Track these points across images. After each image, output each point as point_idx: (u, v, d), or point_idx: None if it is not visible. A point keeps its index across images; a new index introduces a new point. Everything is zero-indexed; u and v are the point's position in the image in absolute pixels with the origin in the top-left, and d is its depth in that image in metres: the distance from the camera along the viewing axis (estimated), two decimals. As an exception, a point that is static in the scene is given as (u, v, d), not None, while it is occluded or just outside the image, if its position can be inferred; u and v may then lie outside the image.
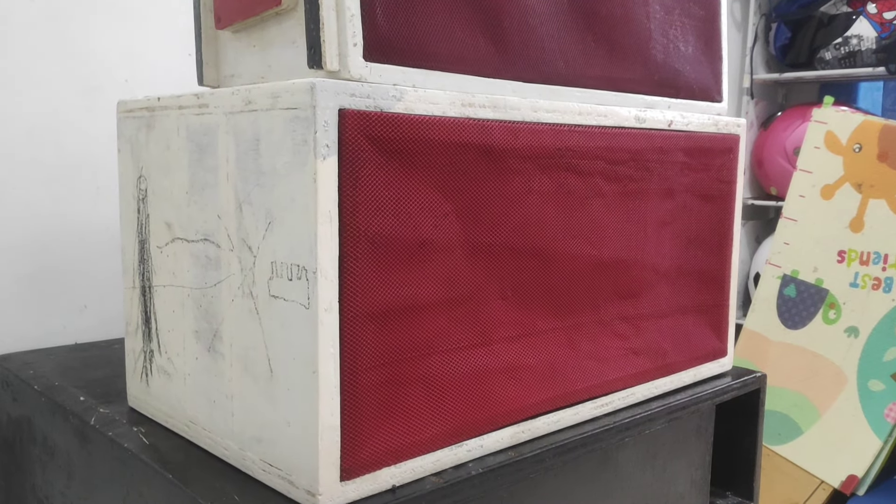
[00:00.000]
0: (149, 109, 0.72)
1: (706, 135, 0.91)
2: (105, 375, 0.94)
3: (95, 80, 1.09)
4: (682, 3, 0.89)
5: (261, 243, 0.61)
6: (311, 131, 0.55)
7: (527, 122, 0.70)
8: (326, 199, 0.56)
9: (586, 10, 0.77)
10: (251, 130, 0.60)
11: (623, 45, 0.81)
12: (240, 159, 0.62)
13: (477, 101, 0.65)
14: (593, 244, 0.79)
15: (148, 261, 0.75)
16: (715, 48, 0.94)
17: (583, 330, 0.79)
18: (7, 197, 1.03)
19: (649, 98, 0.85)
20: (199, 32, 0.70)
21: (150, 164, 0.73)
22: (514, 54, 0.70)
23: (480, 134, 0.66)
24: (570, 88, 0.76)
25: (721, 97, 0.96)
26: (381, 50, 0.59)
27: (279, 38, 0.63)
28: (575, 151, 0.75)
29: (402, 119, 0.60)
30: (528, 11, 0.71)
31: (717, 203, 0.95)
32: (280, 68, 0.64)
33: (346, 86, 0.56)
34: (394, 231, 0.60)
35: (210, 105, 0.64)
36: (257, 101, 0.59)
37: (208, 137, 0.65)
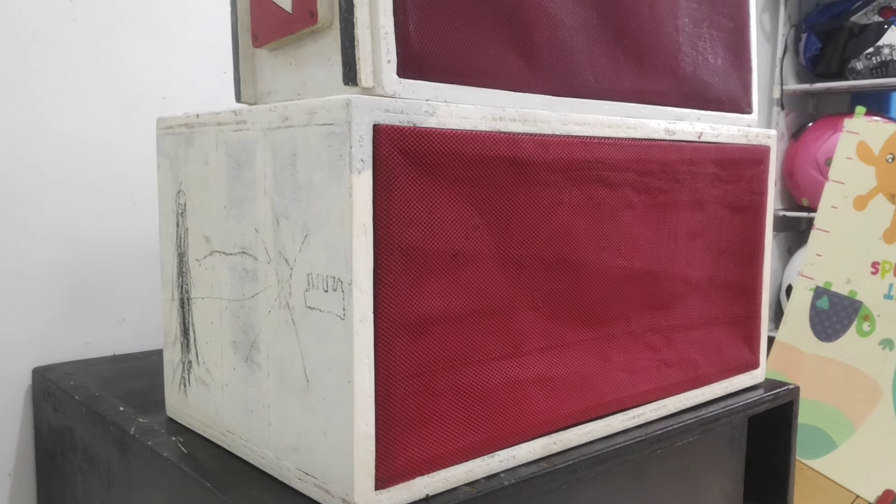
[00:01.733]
0: (188, 126, 0.74)
1: (736, 146, 0.91)
2: (143, 386, 0.96)
3: (133, 97, 1.12)
4: (711, 16, 0.90)
5: (297, 256, 0.62)
6: (346, 146, 0.56)
7: (557, 135, 0.70)
8: (361, 213, 0.57)
9: (615, 24, 0.77)
10: (288, 146, 0.62)
11: (652, 58, 0.82)
12: (277, 174, 0.63)
13: (507, 115, 0.66)
14: (624, 256, 0.79)
15: (186, 273, 0.77)
16: (744, 59, 0.94)
17: (614, 341, 0.80)
18: (48, 213, 1.06)
19: (679, 110, 0.85)
20: (237, 51, 0.72)
21: (189, 179, 0.75)
22: (544, 68, 0.71)
23: (511, 147, 0.67)
24: (600, 101, 0.77)
25: (751, 108, 0.96)
26: (414, 66, 0.60)
27: (315, 56, 0.64)
28: (605, 163, 0.76)
29: (435, 133, 0.61)
30: (558, 25, 0.72)
31: (747, 214, 0.95)
32: (316, 85, 0.65)
33: (381, 102, 0.57)
34: (427, 243, 0.62)
35: (248, 121, 0.66)
36: (294, 117, 0.61)
37: (246, 153, 0.66)
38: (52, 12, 1.05)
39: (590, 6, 0.75)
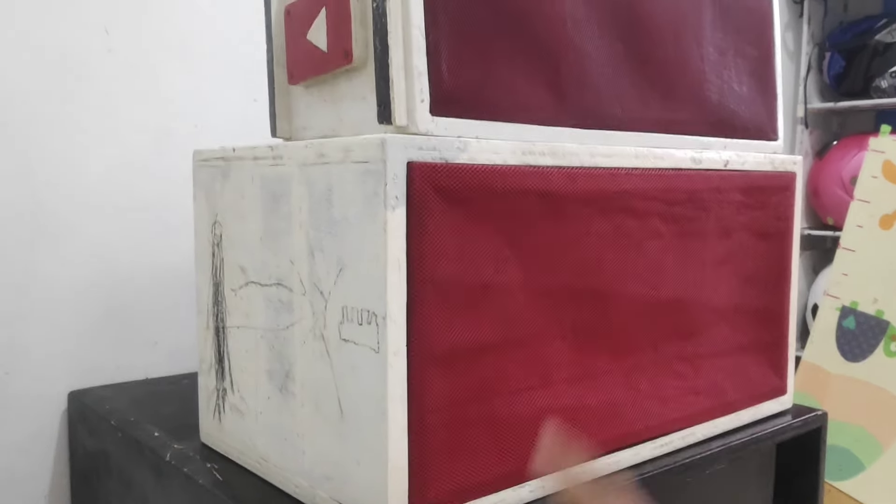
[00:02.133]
0: (224, 159, 0.76)
1: (762, 173, 0.92)
2: (177, 411, 0.98)
3: (166, 125, 1.15)
4: (736, 44, 0.91)
5: (332, 289, 0.63)
6: (381, 184, 0.58)
7: (585, 168, 0.72)
8: (396, 248, 0.58)
9: (642, 56, 0.79)
10: (324, 182, 0.63)
11: (678, 88, 0.83)
12: (312, 208, 0.65)
13: (536, 149, 0.67)
14: (651, 285, 0.80)
15: (222, 302, 0.79)
16: (769, 87, 0.95)
17: (642, 370, 0.80)
18: (84, 237, 1.09)
19: (705, 139, 0.86)
20: (273, 87, 0.74)
21: (225, 210, 0.77)
22: (571, 101, 0.72)
23: (540, 180, 0.68)
24: (627, 132, 0.78)
25: (776, 135, 0.97)
26: (446, 104, 0.62)
27: (349, 94, 0.66)
28: (632, 194, 0.77)
29: (466, 169, 0.62)
30: (586, 59, 0.73)
31: (774, 240, 0.95)
32: (350, 121, 0.67)
33: (414, 140, 0.59)
34: (458, 276, 0.63)
35: (284, 157, 0.68)
36: (330, 154, 0.62)
37: (282, 187, 0.68)
38: (90, 43, 1.08)
39: (616, 38, 0.76)
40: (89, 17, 1.07)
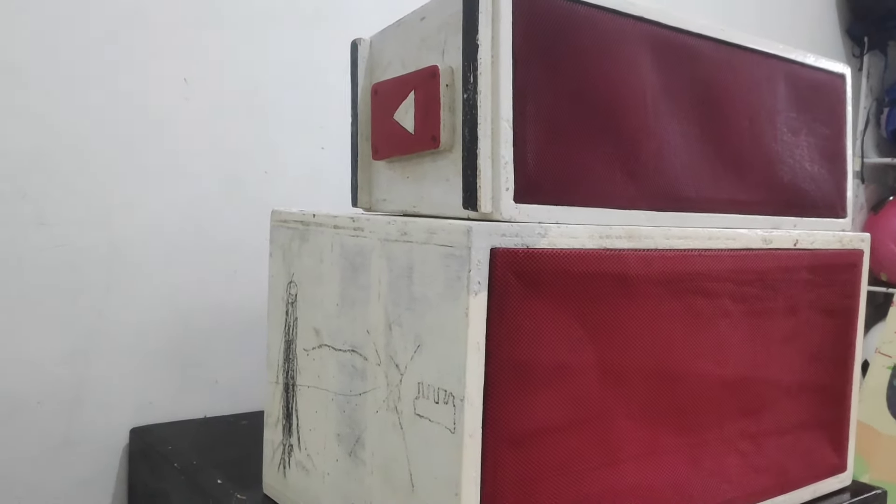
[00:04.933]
0: (303, 223, 0.78)
1: (830, 252, 0.91)
2: (238, 456, 1.00)
3: (237, 172, 1.18)
4: (808, 123, 0.91)
5: (408, 363, 0.65)
6: (465, 269, 0.59)
7: (659, 250, 0.72)
8: (476, 331, 0.60)
9: (716, 138, 0.79)
10: (405, 259, 0.65)
11: (751, 170, 0.83)
12: (392, 283, 0.66)
13: (613, 233, 0.68)
14: (719, 363, 0.80)
15: (293, 360, 0.81)
16: (840, 165, 0.95)
17: (706, 447, 0.80)
18: (154, 280, 1.12)
19: (775, 218, 0.87)
20: (356, 159, 0.76)
21: (302, 272, 0.79)
22: (648, 185, 0.73)
23: (616, 263, 0.69)
24: (700, 214, 0.78)
25: (845, 212, 0.96)
26: (529, 192, 0.63)
27: (433, 174, 0.68)
28: (704, 275, 0.77)
29: (545, 254, 0.63)
30: (663, 144, 0.74)
31: (839, 318, 0.95)
32: (432, 200, 0.69)
33: (498, 227, 0.60)
34: (534, 358, 0.64)
35: (365, 230, 0.70)
36: (413, 233, 0.64)
37: (362, 258, 0.70)
38: (169, 93, 1.12)
39: (693, 122, 0.77)
40: (171, 67, 1.11)
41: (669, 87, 0.75)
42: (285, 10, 1.21)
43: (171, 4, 1.11)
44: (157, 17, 1.10)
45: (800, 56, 0.90)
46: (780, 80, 0.88)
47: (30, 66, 1.01)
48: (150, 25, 1.09)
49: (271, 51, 1.20)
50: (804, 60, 0.90)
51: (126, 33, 1.07)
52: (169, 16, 1.11)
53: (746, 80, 0.83)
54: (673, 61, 0.75)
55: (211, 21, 1.14)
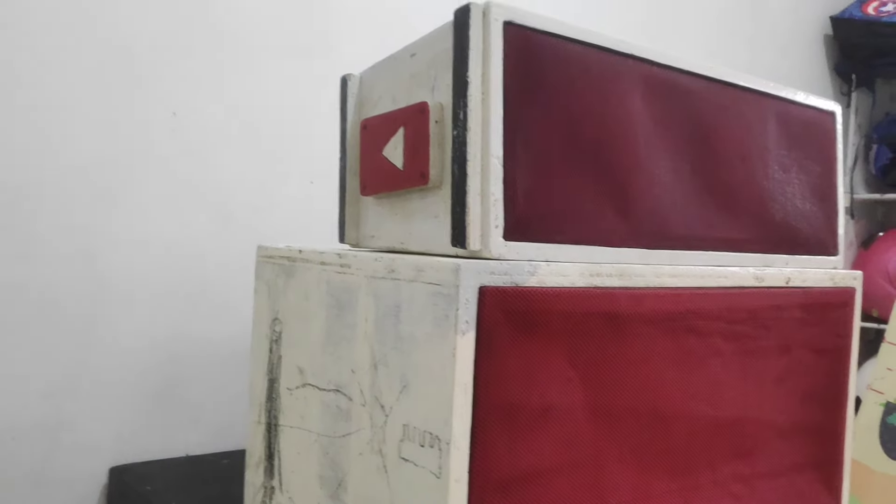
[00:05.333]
0: (289, 259, 0.77)
1: (822, 289, 0.91)
2: (218, 494, 0.97)
3: (227, 207, 1.17)
4: (799, 161, 0.91)
5: (394, 404, 0.63)
6: (452, 308, 0.58)
7: (650, 288, 0.71)
8: (463, 372, 0.58)
9: (708, 177, 0.79)
10: (392, 297, 0.63)
11: (743, 207, 0.83)
12: (379, 321, 0.65)
13: (604, 271, 0.67)
14: (711, 404, 0.79)
15: (276, 400, 0.79)
16: (831, 202, 0.95)
17: (699, 491, 0.78)
18: (140, 313, 1.10)
19: (767, 256, 0.86)
20: (344, 194, 0.75)
21: (287, 309, 0.77)
22: (639, 224, 0.72)
23: (606, 302, 0.68)
24: (691, 252, 0.77)
25: (837, 250, 0.96)
26: (518, 230, 0.62)
27: (421, 211, 0.67)
28: (695, 313, 0.76)
29: (535, 292, 0.62)
30: (654, 183, 0.73)
31: (832, 357, 0.94)
32: (420, 237, 0.68)
33: (487, 265, 0.59)
34: (522, 400, 0.62)
35: (352, 266, 0.68)
36: (400, 271, 0.63)
37: (348, 296, 0.69)
38: (157, 125, 1.11)
39: (685, 159, 0.77)
40: (160, 99, 1.11)
41: (661, 124, 0.74)
42: (277, 43, 1.21)
43: (159, 36, 1.10)
44: (145, 49, 1.09)
45: (790, 94, 0.90)
46: (772, 118, 0.87)
47: (14, 99, 1.00)
48: (139, 57, 1.09)
49: (262, 84, 1.20)
50: (795, 98, 0.90)
51: (113, 65, 1.07)
52: (157, 48, 1.10)
53: (738, 117, 0.83)
54: (664, 99, 0.75)
55: (200, 54, 1.14)
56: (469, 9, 0.60)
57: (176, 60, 1.12)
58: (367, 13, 1.30)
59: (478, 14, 0.60)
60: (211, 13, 1.15)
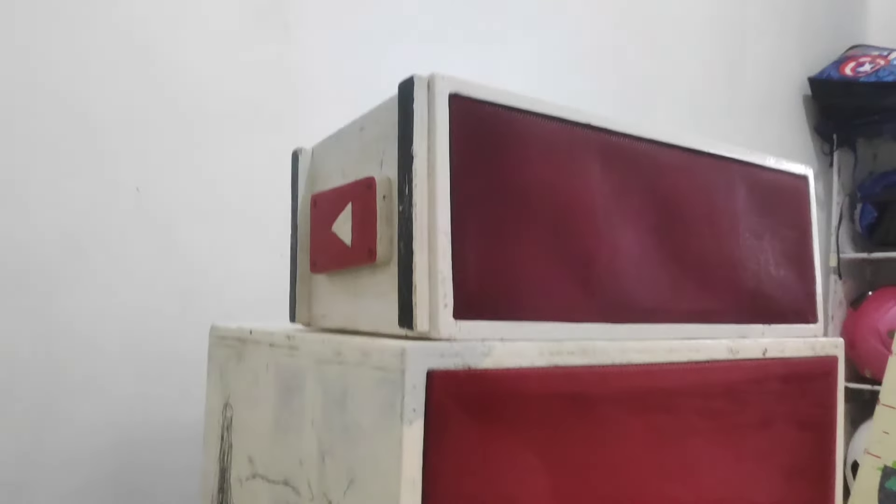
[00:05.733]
0: (240, 340, 0.74)
1: (802, 359, 0.87)
2: (174, 593, 0.91)
3: (190, 281, 1.14)
4: (772, 227, 0.88)
5: (342, 500, 0.59)
6: (398, 395, 0.54)
7: (617, 365, 0.68)
8: (411, 466, 0.54)
9: (676, 246, 0.76)
10: (339, 383, 0.60)
11: (714, 277, 0.80)
12: (326, 408, 0.61)
13: (565, 349, 0.64)
14: (688, 486, 0.74)
15: (227, 491, 0.74)
16: (807, 269, 0.92)
17: (678, 582, 0.73)
18: (97, 397, 1.06)
19: (742, 327, 0.82)
20: (295, 272, 0.72)
21: (238, 394, 0.74)
22: (602, 297, 0.69)
23: (569, 382, 0.64)
24: (660, 325, 0.74)
25: (816, 318, 0.92)
26: (470, 308, 0.59)
27: (371, 288, 0.64)
28: (667, 390, 0.72)
29: (490, 375, 0.59)
30: (618, 254, 0.70)
31: (816, 430, 0.89)
32: (370, 316, 0.64)
33: (436, 347, 0.56)
34: (479, 492, 0.58)
35: (300, 349, 0.65)
36: (347, 354, 0.59)
37: (297, 381, 0.65)
38: (120, 200, 1.08)
39: (650, 229, 0.74)
40: (122, 175, 1.09)
41: (622, 193, 0.72)
42: (242, 115, 1.19)
43: (122, 109, 1.09)
44: (108, 123, 1.07)
45: (760, 159, 0.88)
46: (741, 184, 0.85)
47: (-30, 176, 0.98)
48: (102, 131, 1.07)
49: (227, 156, 1.18)
50: (765, 163, 0.88)
51: (76, 139, 1.05)
52: (120, 121, 1.09)
53: (705, 184, 0.81)
54: (625, 168, 0.72)
55: (164, 127, 1.12)
56: (413, 81, 0.58)
57: (140, 134, 1.10)
58: (333, 84, 1.30)
59: (422, 86, 0.58)
60: (174, 87, 1.14)
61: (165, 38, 1.13)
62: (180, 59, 1.14)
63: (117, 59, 1.09)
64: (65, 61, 1.04)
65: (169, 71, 1.13)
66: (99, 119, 1.07)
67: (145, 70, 1.11)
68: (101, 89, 1.07)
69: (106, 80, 1.08)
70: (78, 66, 1.05)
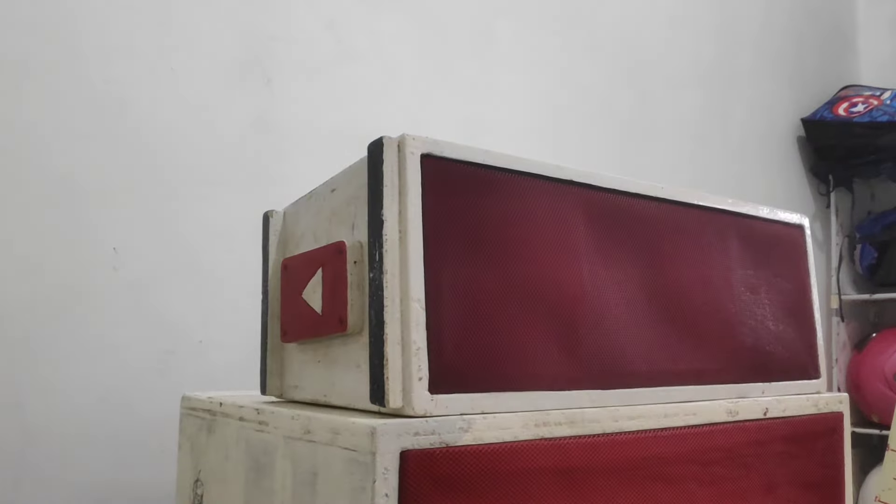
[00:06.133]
0: (210, 413, 0.70)
1: (806, 417, 0.83)
2: None
3: (170, 343, 1.10)
4: (768, 279, 0.85)
5: (313, 590, 0.54)
6: (369, 479, 0.50)
7: (607, 434, 0.64)
8: (385, 556, 0.50)
9: (667, 305, 0.73)
10: (309, 461, 0.56)
11: (708, 335, 0.76)
12: (296, 490, 0.57)
13: (552, 419, 0.60)
14: (688, 561, 0.70)
15: (197, 574, 0.70)
16: (807, 321, 0.88)
17: None
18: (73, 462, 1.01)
19: (741, 386, 0.79)
20: (265, 341, 0.69)
21: (208, 469, 0.70)
22: (589, 362, 0.65)
23: (556, 456, 0.60)
24: (654, 388, 0.70)
25: (818, 373, 0.89)
26: (448, 380, 0.56)
27: (343, 358, 0.60)
28: (663, 458, 0.68)
29: (470, 452, 0.55)
30: (605, 316, 0.67)
31: (823, 490, 0.85)
32: (343, 389, 0.61)
33: (410, 425, 0.52)
34: (461, 580, 0.54)
35: (270, 424, 0.61)
36: (316, 432, 0.55)
37: (267, 458, 0.61)
38: (97, 263, 1.05)
39: (639, 289, 0.71)
40: (99, 236, 1.06)
41: (609, 252, 0.69)
42: (221, 173, 1.17)
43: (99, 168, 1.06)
44: (85, 182, 1.05)
45: (752, 209, 0.85)
46: (734, 236, 0.82)
47: (-61, 241, 0.95)
48: (78, 190, 1.04)
49: (207, 216, 1.15)
50: (758, 214, 0.86)
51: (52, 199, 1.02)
52: (98, 180, 1.06)
53: (696, 238, 0.78)
54: (611, 225, 0.69)
55: (143, 186, 1.10)
56: (382, 143, 0.55)
57: (118, 194, 1.07)
58: (316, 139, 1.27)
59: (392, 148, 0.55)
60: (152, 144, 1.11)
61: (143, 96, 1.11)
62: (158, 116, 1.12)
63: (94, 118, 1.06)
64: (41, 121, 1.02)
65: (147, 129, 1.11)
66: (76, 178, 1.04)
67: (123, 128, 1.09)
68: (78, 148, 1.05)
69: (82, 139, 1.05)
70: (54, 126, 1.03)
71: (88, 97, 1.06)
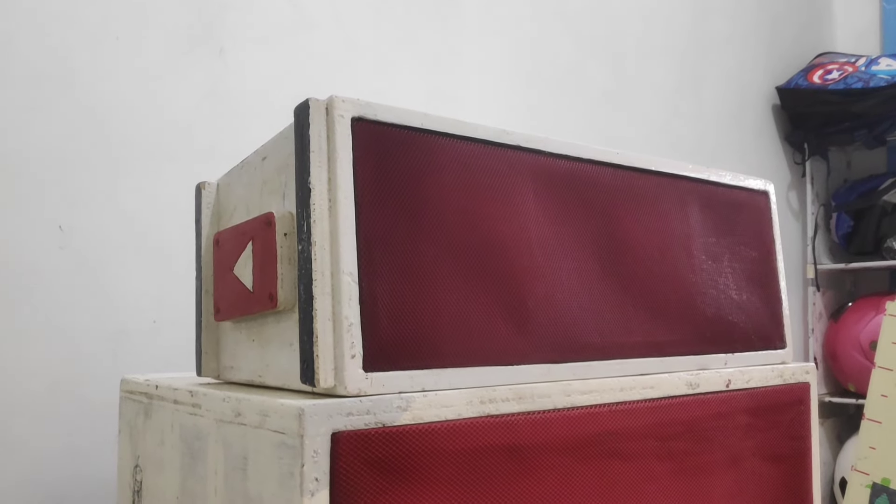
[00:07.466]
0: (147, 396, 0.66)
1: (771, 389, 0.81)
2: None
3: (122, 323, 1.06)
4: (731, 247, 0.82)
5: (246, 580, 0.52)
6: (297, 463, 0.47)
7: (559, 410, 0.61)
8: (315, 544, 0.47)
9: (623, 275, 0.70)
10: (240, 445, 0.53)
11: (667, 305, 0.73)
12: (228, 476, 0.54)
13: (498, 395, 0.57)
14: (646, 538, 0.68)
15: (137, 564, 0.67)
16: (773, 290, 0.86)
17: None
18: (24, 451, 0.98)
19: (702, 358, 0.76)
20: (200, 320, 0.65)
21: (146, 455, 0.66)
22: (540, 335, 0.63)
23: (504, 433, 0.57)
24: (608, 361, 0.68)
25: (784, 342, 0.86)
26: (384, 357, 0.52)
27: (277, 337, 0.57)
28: (619, 434, 0.66)
29: (409, 432, 0.52)
30: (556, 286, 0.64)
31: (790, 463, 0.83)
32: (277, 369, 0.57)
33: (341, 405, 0.49)
34: (400, 566, 0.51)
35: (202, 407, 0.58)
36: (246, 415, 0.52)
37: (200, 443, 0.58)
38: (41, 241, 1.01)
39: (593, 258, 0.68)
40: (45, 213, 1.01)
41: (560, 221, 0.66)
42: (172, 147, 1.13)
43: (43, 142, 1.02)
44: (28, 157, 1.00)
45: (714, 175, 0.82)
46: (694, 203, 0.79)
47: None
48: (21, 165, 1.00)
49: (157, 191, 1.11)
50: (720, 180, 0.83)
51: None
52: (42, 155, 1.02)
53: (653, 206, 0.75)
54: (563, 192, 0.66)
55: (89, 160, 1.05)
56: (308, 105, 0.51)
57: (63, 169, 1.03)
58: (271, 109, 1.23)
59: (319, 111, 0.52)
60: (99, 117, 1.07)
61: (85, 67, 1.06)
62: (104, 87, 1.07)
63: (35, 90, 1.02)
64: (-24, 95, 0.98)
65: (92, 101, 1.06)
66: (17, 153, 1.00)
67: (66, 100, 1.04)
68: (18, 122, 1.00)
69: (23, 112, 1.01)
70: (-9, 100, 0.99)
71: (28, 68, 1.01)
